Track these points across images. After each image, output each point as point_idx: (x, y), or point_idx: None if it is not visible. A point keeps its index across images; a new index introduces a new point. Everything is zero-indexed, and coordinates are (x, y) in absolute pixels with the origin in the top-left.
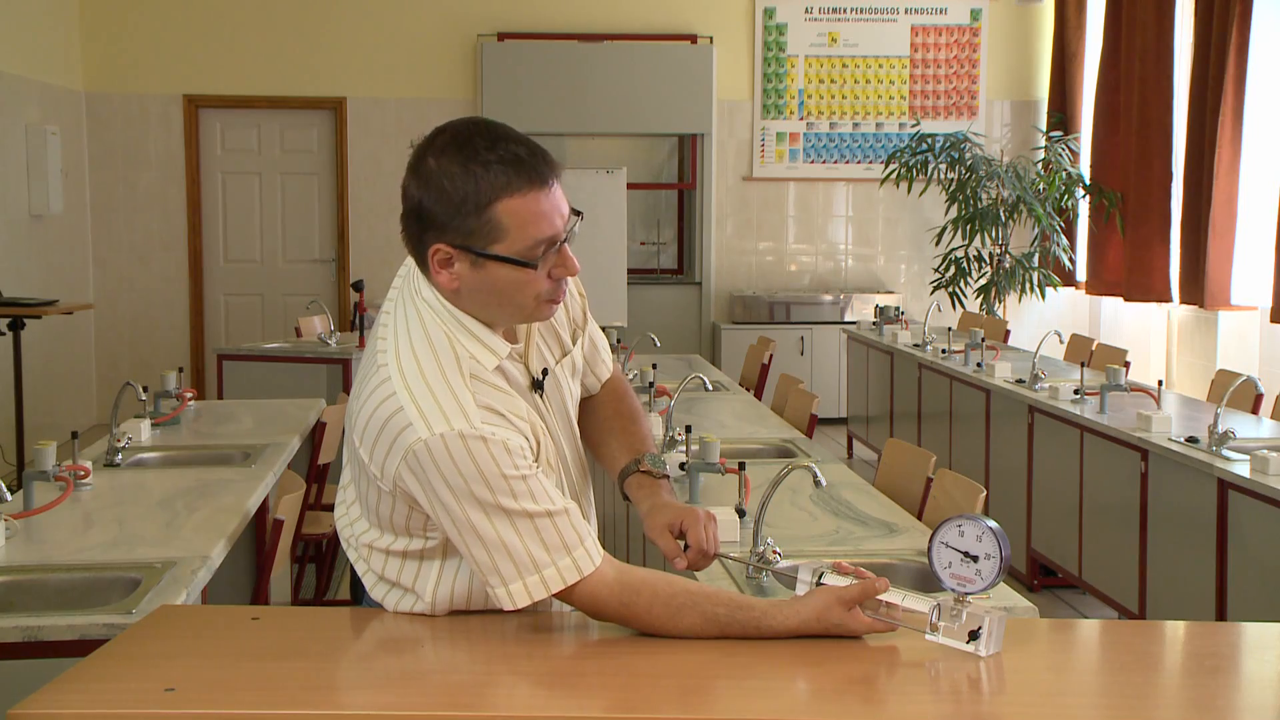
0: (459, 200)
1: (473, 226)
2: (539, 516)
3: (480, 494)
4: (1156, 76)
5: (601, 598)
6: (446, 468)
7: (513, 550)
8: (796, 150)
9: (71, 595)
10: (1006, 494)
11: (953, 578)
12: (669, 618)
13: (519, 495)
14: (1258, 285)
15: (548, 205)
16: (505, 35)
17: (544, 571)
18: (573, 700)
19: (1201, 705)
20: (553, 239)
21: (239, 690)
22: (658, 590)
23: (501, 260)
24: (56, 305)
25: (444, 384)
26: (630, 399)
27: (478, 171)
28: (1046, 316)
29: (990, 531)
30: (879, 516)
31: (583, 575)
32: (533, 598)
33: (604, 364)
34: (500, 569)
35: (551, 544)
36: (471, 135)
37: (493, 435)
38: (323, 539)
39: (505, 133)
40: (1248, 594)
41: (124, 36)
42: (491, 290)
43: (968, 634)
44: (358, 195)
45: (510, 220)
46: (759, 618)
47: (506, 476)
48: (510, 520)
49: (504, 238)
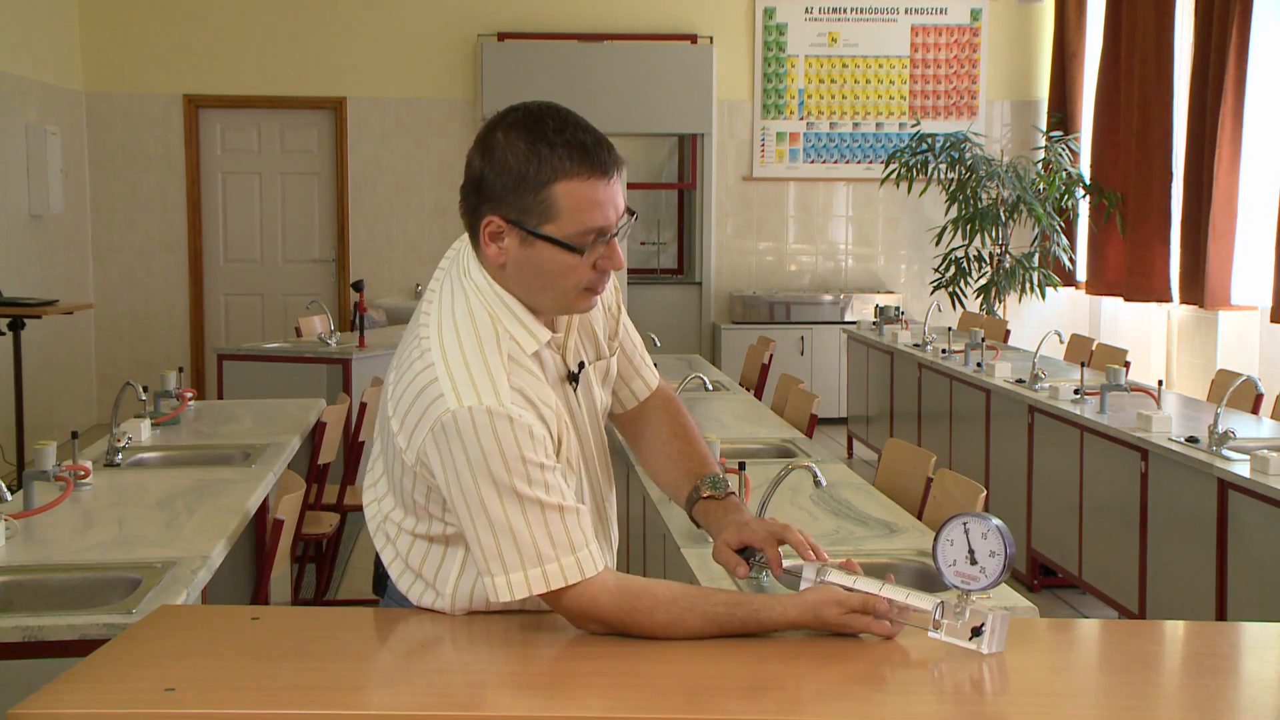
0: (519, 175)
1: (528, 203)
2: (550, 509)
3: (497, 472)
4: (1156, 76)
5: (601, 602)
6: (469, 441)
7: (518, 537)
8: (796, 150)
9: (71, 595)
10: (1006, 494)
11: (956, 575)
12: (672, 622)
13: (534, 482)
14: (1258, 285)
15: (604, 196)
16: (505, 35)
17: (546, 566)
18: (573, 701)
19: (1201, 705)
20: (603, 229)
21: (239, 690)
22: (659, 596)
23: (550, 241)
24: (56, 305)
25: (481, 361)
26: (682, 416)
27: (543, 150)
28: (1046, 316)
29: (995, 529)
30: (879, 516)
31: (584, 576)
32: (531, 590)
33: (646, 374)
34: (503, 555)
35: (558, 539)
36: (542, 116)
37: (519, 417)
38: (323, 539)
39: (576, 120)
40: (1248, 594)
41: (124, 36)
42: (536, 270)
43: (970, 630)
44: (358, 195)
45: (566, 203)
46: (757, 611)
47: (525, 460)
48: (521, 505)
49: (556, 219)
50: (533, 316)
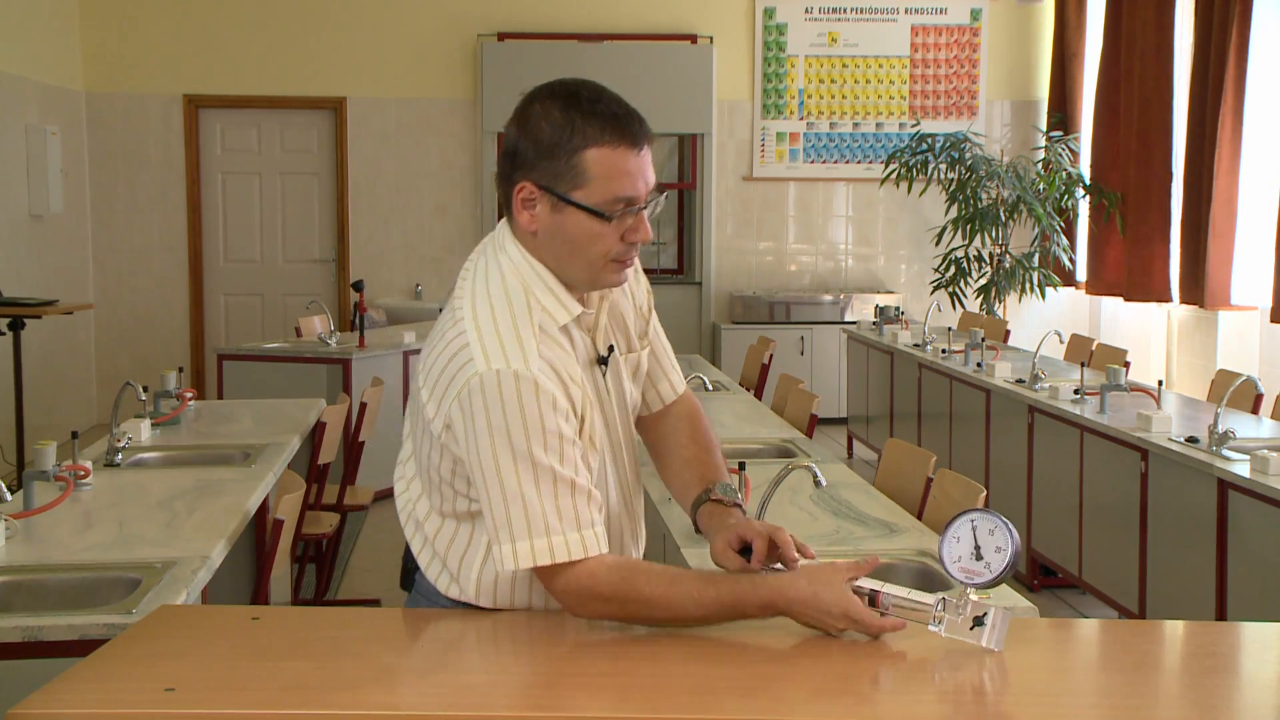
0: (552, 142)
1: (560, 169)
2: (562, 481)
3: (515, 437)
4: (1156, 76)
5: (600, 575)
6: (493, 403)
7: (529, 506)
8: (796, 150)
9: (71, 595)
10: (1006, 494)
11: (961, 570)
12: (667, 584)
13: (550, 450)
14: (1258, 285)
15: (634, 166)
16: (505, 35)
17: (552, 538)
18: (573, 700)
19: (1201, 705)
20: (632, 199)
21: (239, 690)
22: (654, 567)
23: (579, 207)
24: (56, 305)
25: (512, 328)
26: (704, 427)
27: (576, 119)
28: (1046, 316)
29: (1001, 526)
30: (879, 516)
31: (587, 554)
32: (536, 561)
33: (671, 377)
34: (512, 522)
35: (565, 514)
36: (578, 89)
37: (544, 385)
38: (323, 539)
39: (610, 94)
40: (1248, 594)
41: (124, 36)
42: (565, 238)
43: (972, 621)
44: (358, 195)
45: (596, 170)
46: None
47: (545, 428)
48: (535, 474)
49: (586, 185)
50: (565, 289)
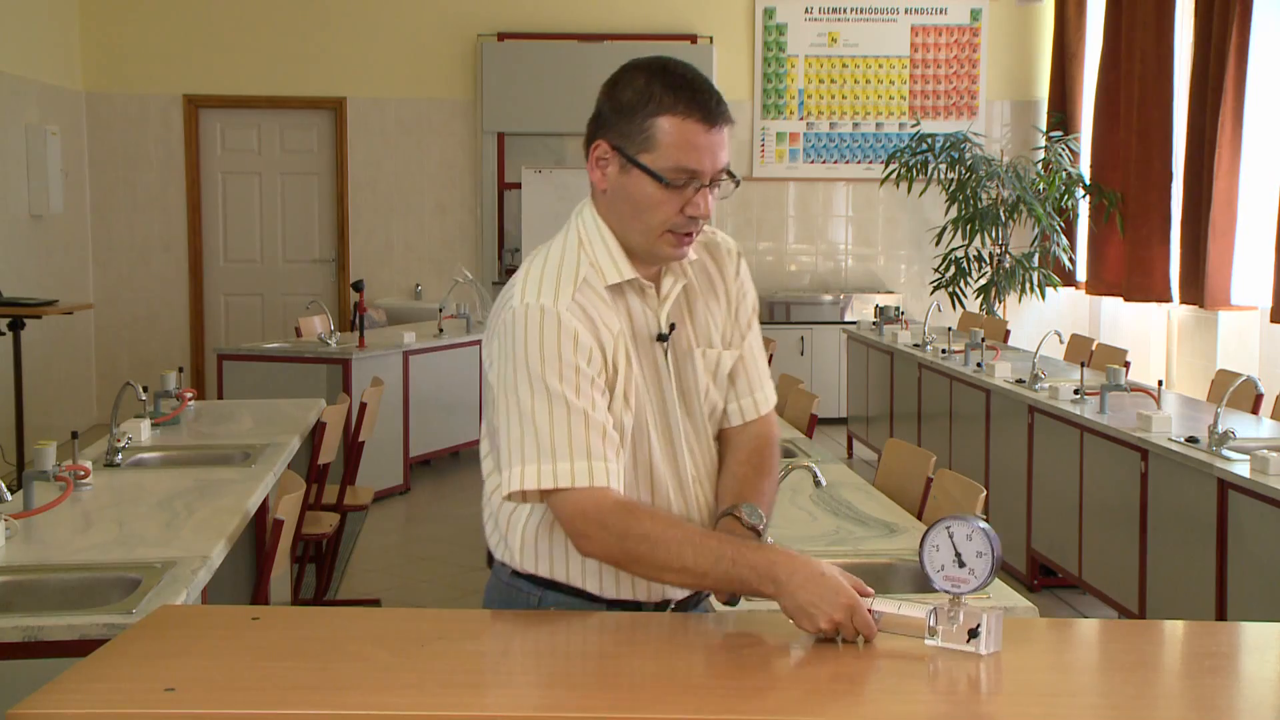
0: (630, 105)
1: (632, 130)
2: (575, 411)
3: (533, 365)
4: (1156, 76)
5: (605, 506)
6: (519, 333)
7: (539, 430)
8: (796, 150)
9: (71, 595)
10: (1006, 494)
11: (946, 579)
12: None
13: (565, 380)
14: (1258, 285)
15: (703, 141)
16: (505, 35)
17: (558, 464)
18: (571, 700)
19: (1201, 705)
20: (695, 173)
21: (239, 690)
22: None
23: (644, 170)
24: (56, 305)
25: (555, 272)
26: (768, 452)
27: (656, 87)
28: (1046, 316)
29: (979, 530)
30: (879, 516)
31: (593, 484)
32: (540, 483)
33: (755, 395)
34: (524, 446)
35: (576, 442)
36: (669, 63)
37: (567, 320)
38: (323, 539)
39: (699, 75)
40: (1248, 594)
41: (124, 36)
42: (628, 200)
43: (967, 633)
44: (358, 195)
45: (664, 137)
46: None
47: (562, 360)
48: (549, 401)
49: (653, 150)
50: (624, 255)
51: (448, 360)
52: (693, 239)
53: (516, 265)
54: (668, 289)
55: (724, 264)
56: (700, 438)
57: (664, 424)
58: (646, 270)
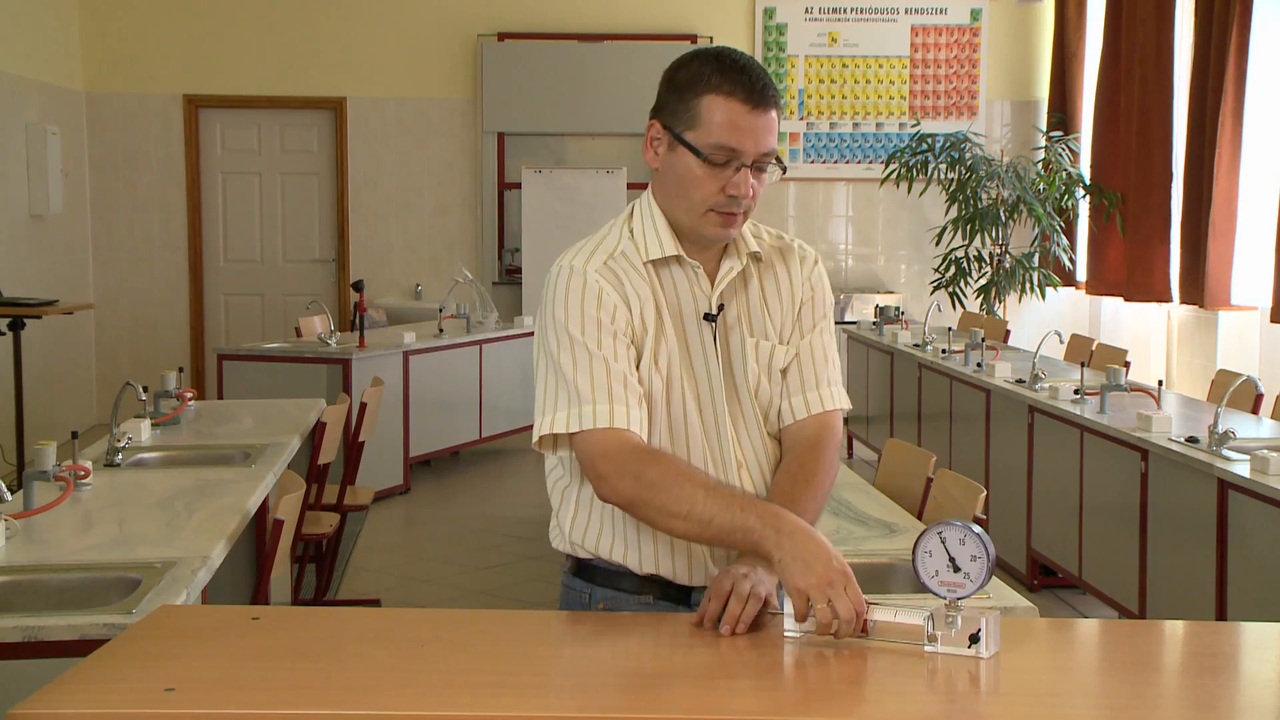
0: (681, 86)
1: (680, 109)
2: (596, 358)
3: (558, 318)
4: (1156, 76)
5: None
6: (549, 294)
7: (563, 376)
8: (797, 150)
9: (71, 595)
10: (1006, 494)
11: (941, 584)
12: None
13: (586, 332)
14: (1258, 285)
15: (746, 122)
16: (505, 35)
17: (582, 407)
18: (571, 700)
19: (1201, 705)
20: (736, 151)
21: (239, 690)
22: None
23: (687, 146)
24: (56, 305)
25: (595, 245)
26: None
27: (706, 70)
28: (1046, 316)
29: (972, 534)
30: (879, 516)
31: (613, 425)
32: (567, 426)
33: (808, 395)
34: (555, 394)
35: (598, 385)
36: (726, 52)
37: (593, 280)
38: (323, 539)
39: (754, 63)
40: (1248, 594)
41: (124, 36)
42: (674, 176)
43: (968, 639)
44: (358, 195)
45: (708, 115)
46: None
47: (584, 313)
48: (572, 349)
49: (698, 127)
50: (671, 233)
51: (448, 360)
52: (737, 219)
53: (517, 265)
54: (723, 272)
55: (794, 267)
56: (750, 424)
57: (708, 400)
58: (701, 253)
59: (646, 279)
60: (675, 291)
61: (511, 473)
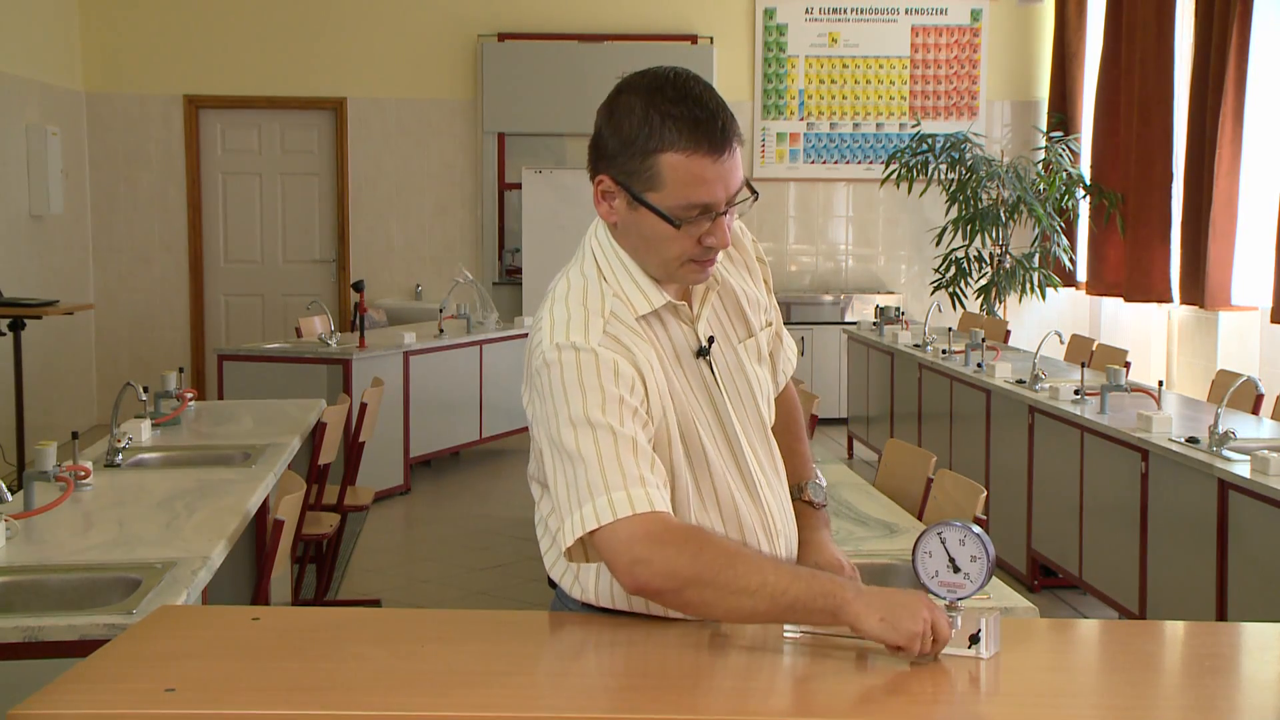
0: (630, 139)
1: (636, 168)
2: (622, 438)
3: (574, 406)
4: (1156, 76)
5: (671, 526)
6: (555, 376)
7: (589, 464)
8: (797, 150)
9: (71, 595)
10: (1006, 494)
11: (941, 585)
12: (738, 544)
13: (608, 409)
14: (1258, 285)
15: (712, 173)
16: (505, 35)
17: (614, 494)
18: (572, 700)
19: (1201, 705)
20: (708, 206)
21: (239, 690)
22: (717, 534)
23: (652, 210)
24: (56, 305)
25: (582, 306)
26: (798, 415)
27: (655, 119)
28: (1047, 317)
29: (972, 534)
30: (879, 517)
31: (654, 508)
32: (599, 519)
33: (785, 364)
34: (579, 488)
35: (627, 468)
36: (663, 84)
37: (605, 354)
38: (323, 539)
39: (698, 93)
40: (1248, 594)
41: (124, 36)
42: (639, 235)
43: (968, 639)
44: (358, 195)
45: (670, 175)
46: (837, 601)
47: (605, 393)
48: (594, 433)
49: (660, 188)
50: (651, 282)
51: (448, 361)
52: (714, 262)
53: (517, 265)
54: (697, 299)
55: (743, 250)
56: (759, 431)
57: (722, 435)
58: (676, 288)
59: (643, 334)
60: (669, 338)
61: (511, 473)
